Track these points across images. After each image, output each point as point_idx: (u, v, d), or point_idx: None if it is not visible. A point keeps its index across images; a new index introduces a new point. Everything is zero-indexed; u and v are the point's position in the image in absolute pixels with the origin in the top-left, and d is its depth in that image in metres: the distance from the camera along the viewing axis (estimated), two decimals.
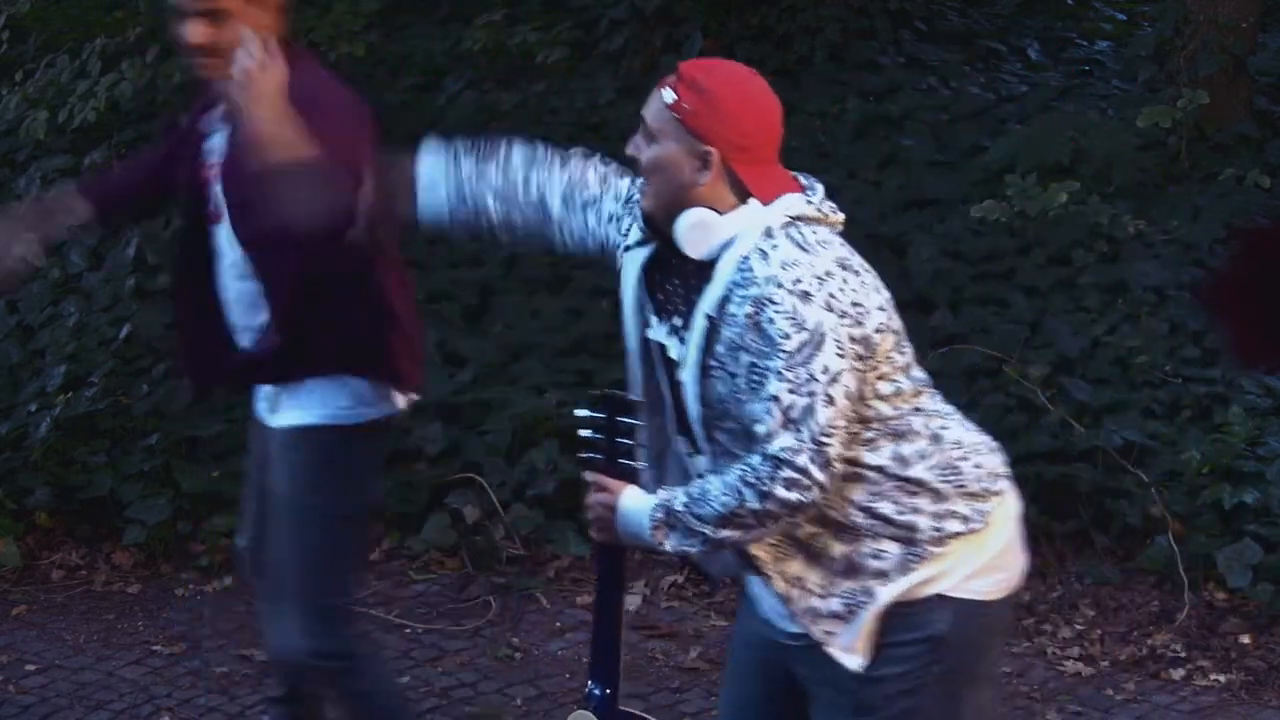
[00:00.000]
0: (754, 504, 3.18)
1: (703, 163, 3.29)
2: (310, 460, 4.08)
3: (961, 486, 3.33)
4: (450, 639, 5.78)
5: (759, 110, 3.33)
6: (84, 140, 8.59)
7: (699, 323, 3.28)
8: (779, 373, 3.16)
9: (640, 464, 3.38)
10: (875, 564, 3.29)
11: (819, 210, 3.33)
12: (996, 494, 3.37)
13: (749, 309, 3.19)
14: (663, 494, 3.30)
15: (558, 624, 5.83)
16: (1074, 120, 7.95)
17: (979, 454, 3.38)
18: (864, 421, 3.26)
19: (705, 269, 3.31)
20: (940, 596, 3.32)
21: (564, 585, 6.05)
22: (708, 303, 3.27)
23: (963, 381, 6.45)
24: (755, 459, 3.19)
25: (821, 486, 3.18)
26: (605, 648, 3.53)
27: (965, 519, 3.32)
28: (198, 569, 6.27)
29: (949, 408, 3.41)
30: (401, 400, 4.16)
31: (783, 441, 3.16)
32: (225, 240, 4.11)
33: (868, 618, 3.30)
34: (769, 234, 3.25)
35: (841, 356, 3.18)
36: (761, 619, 3.47)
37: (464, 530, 6.30)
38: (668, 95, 3.31)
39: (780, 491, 3.17)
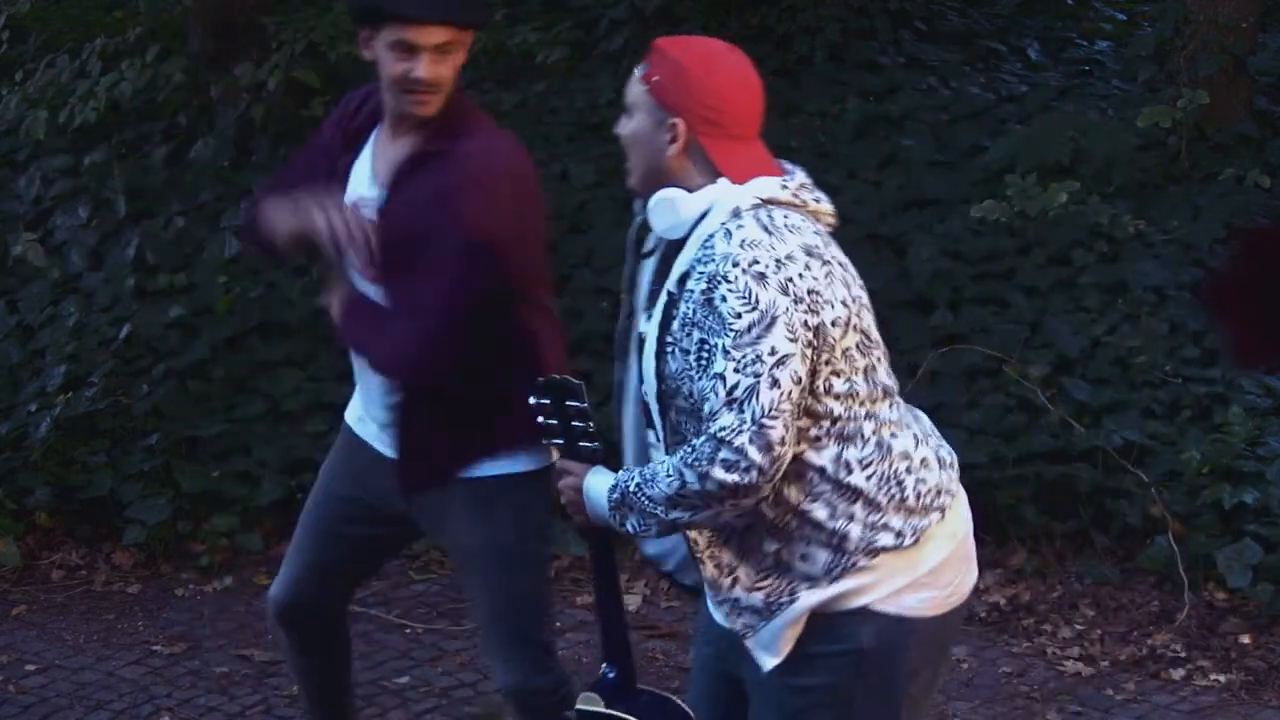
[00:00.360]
0: (695, 485, 3.15)
1: (671, 134, 3.28)
2: (517, 507, 4.04)
3: (900, 500, 3.28)
4: (450, 639, 5.78)
5: (730, 83, 3.32)
6: (84, 140, 8.59)
7: (661, 299, 3.28)
8: (726, 351, 3.14)
9: (598, 444, 3.37)
10: (802, 566, 3.27)
11: (794, 195, 3.31)
12: (936, 510, 3.32)
13: (704, 285, 3.18)
14: (621, 475, 3.30)
15: (557, 624, 5.82)
16: (1074, 120, 7.95)
17: (925, 469, 3.32)
18: (812, 417, 3.22)
19: (678, 248, 3.30)
20: (866, 610, 3.28)
21: (564, 585, 6.04)
22: (670, 279, 3.26)
23: (963, 381, 6.45)
24: (699, 440, 3.17)
25: (760, 470, 3.13)
26: (611, 629, 3.52)
27: (898, 534, 3.27)
28: (198, 569, 6.27)
29: (911, 418, 3.37)
30: None
31: (724, 420, 3.13)
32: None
33: (787, 619, 3.28)
34: (736, 214, 3.24)
35: (792, 341, 3.14)
36: (709, 614, 3.47)
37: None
38: (640, 69, 3.33)
39: (718, 472, 3.13)
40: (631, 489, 3.25)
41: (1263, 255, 2.04)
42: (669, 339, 3.24)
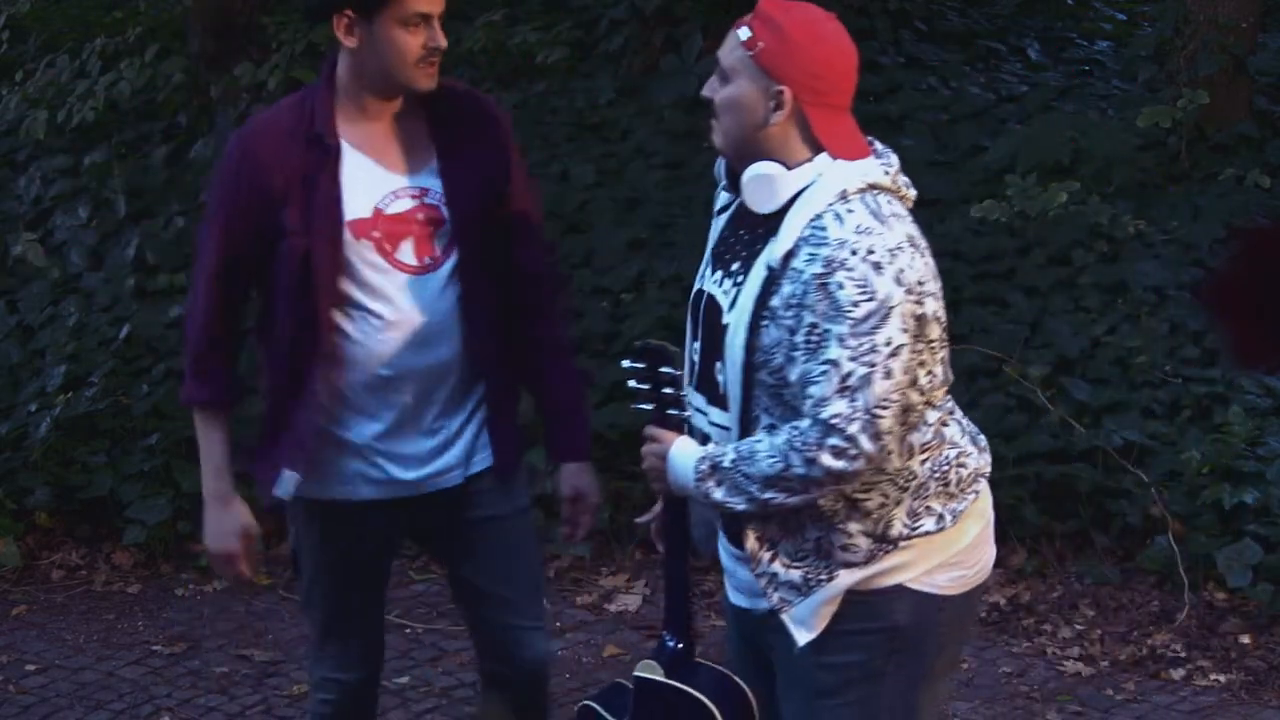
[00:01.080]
0: (799, 469, 3.17)
1: (775, 102, 3.27)
2: (522, 474, 4.11)
3: (944, 486, 3.33)
4: (450, 639, 5.78)
5: (834, 50, 3.32)
6: (84, 140, 8.60)
7: (759, 272, 3.26)
8: (841, 339, 3.14)
9: (687, 413, 3.36)
10: (843, 555, 3.30)
11: (894, 182, 3.33)
12: (973, 493, 3.38)
13: (818, 269, 3.17)
14: (711, 447, 3.30)
15: (558, 624, 5.83)
16: (1074, 120, 7.94)
17: (968, 455, 3.38)
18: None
19: (770, 218, 3.29)
20: (900, 587, 3.32)
21: (564, 585, 6.04)
22: (771, 254, 3.25)
23: (963, 381, 6.44)
24: (805, 423, 3.17)
25: (868, 458, 3.17)
26: (676, 599, 3.49)
27: (939, 517, 3.32)
28: (198, 569, 6.27)
29: (952, 404, 3.41)
30: None
31: (835, 408, 3.15)
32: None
33: (824, 596, 3.31)
34: (844, 197, 3.24)
35: (904, 332, 3.18)
36: (734, 591, 3.48)
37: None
38: (743, 33, 3.30)
39: (826, 458, 3.16)
40: (726, 464, 3.25)
41: (1263, 255, 2.04)
42: (765, 314, 3.24)
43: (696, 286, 3.46)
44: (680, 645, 3.49)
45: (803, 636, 3.33)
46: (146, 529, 6.32)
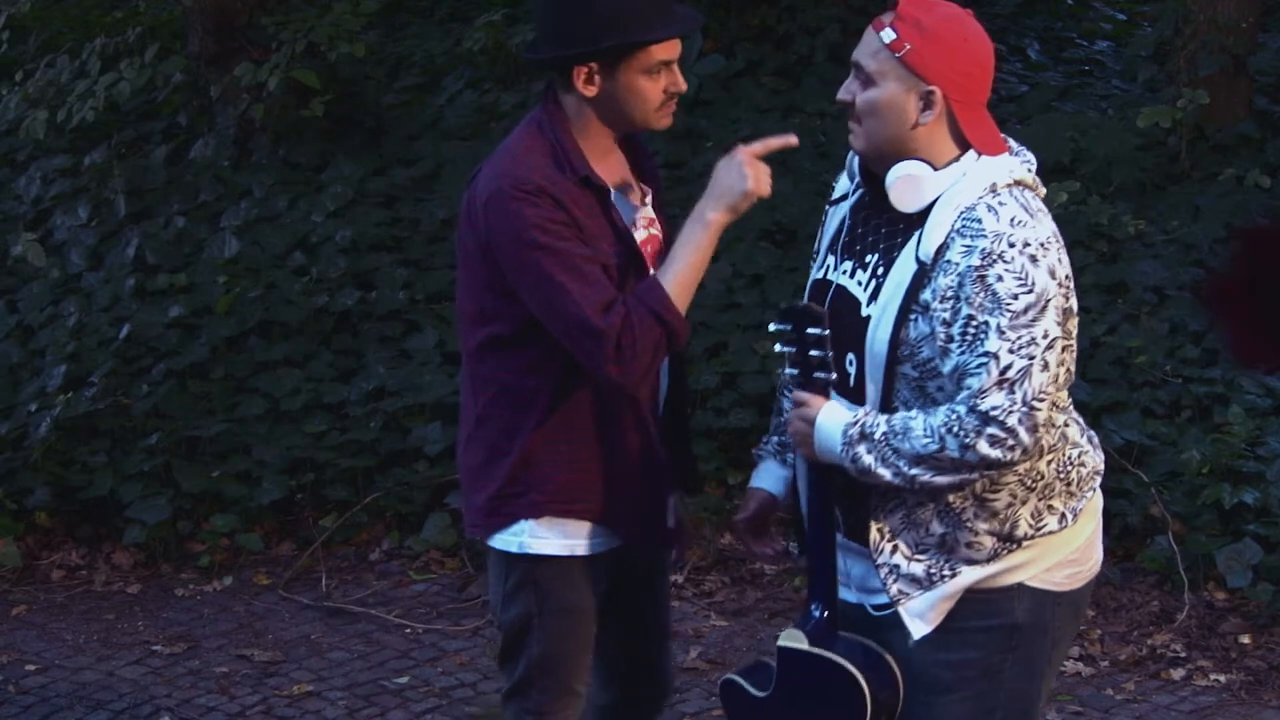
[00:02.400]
0: (954, 453, 3.19)
1: (925, 102, 3.29)
2: None
3: (1066, 485, 3.36)
4: (450, 639, 5.78)
5: (980, 48, 3.35)
6: (84, 140, 8.60)
7: (906, 266, 3.27)
8: (1001, 331, 3.17)
9: (834, 376, 3.33)
10: (966, 551, 3.33)
11: (1034, 180, 3.35)
12: (1090, 490, 3.41)
13: (975, 261, 3.19)
14: (862, 415, 3.29)
15: None
16: (1074, 120, 7.94)
17: (1086, 453, 3.41)
18: None
19: (912, 213, 3.31)
20: (1021, 586, 3.36)
21: None
22: (921, 248, 3.26)
23: None
24: (962, 409, 3.19)
25: (1024, 450, 3.19)
26: (822, 568, 3.47)
27: (1061, 516, 3.36)
28: (198, 569, 6.27)
29: (1070, 402, 3.42)
30: None
31: (994, 400, 3.17)
32: None
33: (945, 592, 3.33)
34: (994, 190, 3.26)
35: (1059, 325, 3.21)
36: (843, 589, 3.46)
37: (464, 530, 6.29)
38: (886, 35, 3.30)
39: (983, 446, 3.18)
40: (878, 435, 3.25)
41: (1263, 255, 2.03)
42: (914, 307, 3.24)
43: (817, 276, 3.46)
44: (825, 614, 3.45)
45: (918, 630, 3.34)
46: (146, 529, 6.32)
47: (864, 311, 3.32)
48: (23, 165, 8.62)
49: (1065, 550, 3.38)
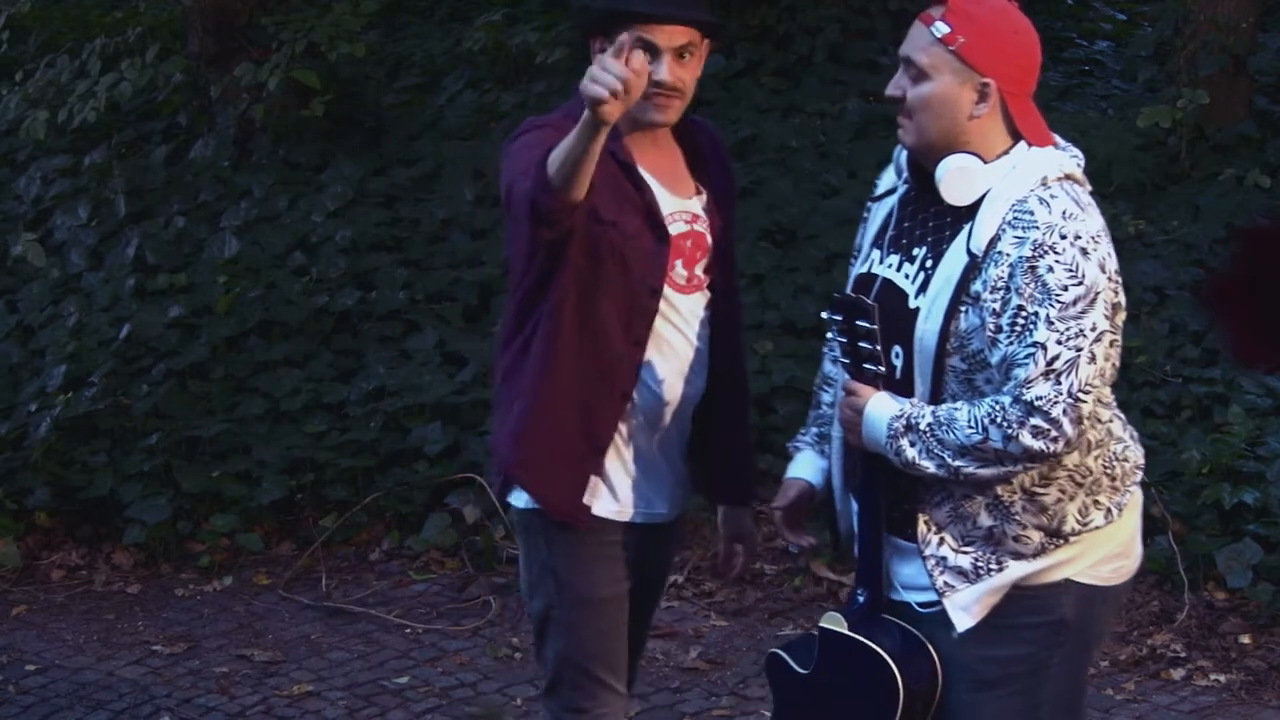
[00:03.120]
0: (997, 444, 3.20)
1: (980, 95, 3.30)
2: None
3: (1112, 480, 3.38)
4: (450, 639, 5.78)
5: (1031, 39, 3.36)
6: (84, 140, 8.60)
7: (956, 258, 3.28)
8: (1050, 321, 3.18)
9: (883, 369, 3.33)
10: (1014, 545, 3.33)
11: (1082, 175, 3.37)
12: (1134, 485, 3.43)
13: (1027, 252, 3.20)
14: (908, 407, 3.30)
15: None
16: (1074, 120, 7.94)
17: (1129, 448, 3.43)
18: None
19: (961, 205, 3.31)
20: (1068, 581, 3.37)
21: None
22: (973, 241, 3.27)
23: None
24: (1006, 399, 3.20)
25: (1067, 442, 3.20)
26: (868, 553, 3.47)
27: (1107, 511, 3.37)
28: (198, 569, 6.27)
29: (1113, 398, 3.44)
30: None
31: (1039, 390, 3.18)
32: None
33: (991, 586, 3.34)
34: (1045, 184, 3.27)
35: (1108, 319, 3.24)
36: (890, 586, 3.46)
37: (464, 530, 6.30)
38: (939, 28, 3.31)
39: (1025, 437, 3.19)
40: (923, 426, 3.26)
41: (1262, 255, 2.04)
42: (965, 298, 3.25)
43: (862, 270, 3.46)
44: (868, 599, 3.46)
45: (962, 622, 3.35)
46: (146, 529, 6.32)
47: (912, 304, 3.33)
48: (23, 165, 8.62)
49: (1110, 545, 3.40)
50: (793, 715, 3.55)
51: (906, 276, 3.36)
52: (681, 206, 3.79)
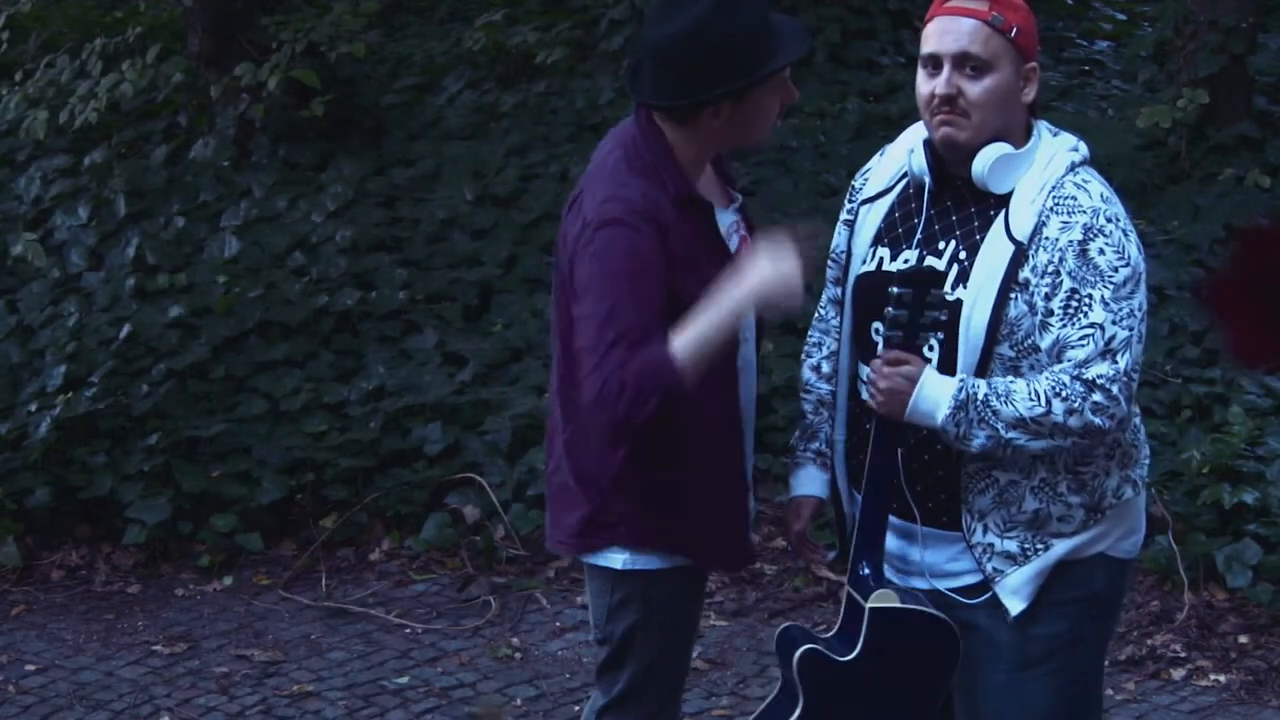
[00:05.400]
0: (1058, 417, 3.22)
1: (1026, 80, 3.33)
2: None
3: (1135, 451, 3.43)
4: (450, 639, 5.78)
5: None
6: (84, 140, 8.60)
7: (997, 247, 3.28)
8: (1105, 302, 3.21)
9: (941, 336, 3.32)
10: (1058, 525, 3.36)
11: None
12: (1146, 458, 3.48)
13: (1076, 236, 3.22)
14: (966, 379, 3.29)
15: (557, 624, 5.83)
16: (1074, 120, 7.94)
17: (1139, 419, 3.46)
18: None
19: (987, 195, 3.32)
20: (1102, 555, 3.41)
21: (564, 585, 6.04)
22: (1014, 229, 3.27)
23: None
24: (1066, 377, 3.22)
25: (1122, 420, 3.25)
26: (870, 529, 3.47)
27: (1135, 484, 3.42)
28: (198, 569, 6.27)
29: None
30: None
31: (1100, 369, 3.21)
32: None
33: (1039, 566, 3.37)
34: (1073, 168, 3.30)
35: (1145, 299, 3.28)
36: (914, 577, 3.46)
37: (464, 530, 6.30)
38: (996, 19, 3.29)
39: (1088, 413, 3.22)
40: (980, 396, 3.26)
41: (1262, 255, 2.04)
42: (1014, 286, 3.26)
43: (867, 269, 3.44)
44: (872, 571, 3.45)
45: (1015, 606, 3.37)
46: (146, 529, 6.32)
47: (950, 296, 3.32)
48: (23, 165, 8.62)
49: (1133, 518, 3.46)
50: (832, 708, 3.50)
51: (944, 262, 3.36)
52: (733, 222, 3.75)
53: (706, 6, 3.49)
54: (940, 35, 3.31)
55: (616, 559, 3.70)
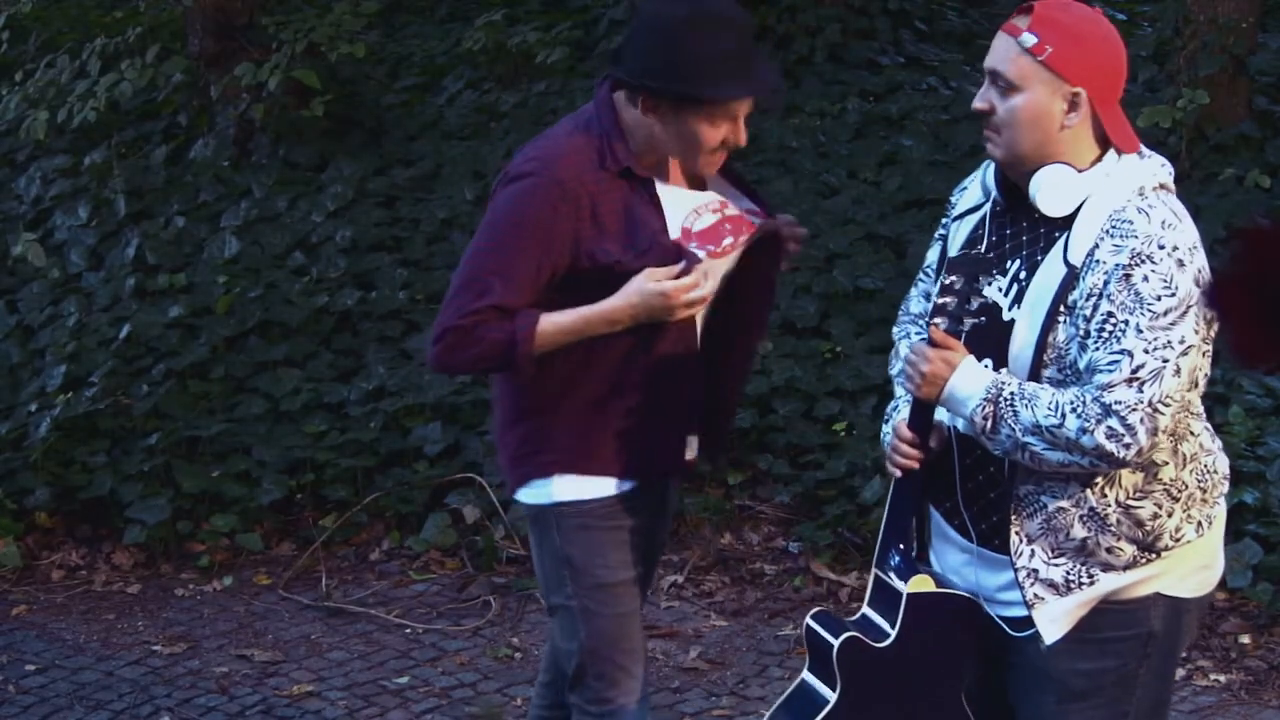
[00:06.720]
0: (1071, 433, 3.18)
1: (1071, 105, 3.27)
2: None
3: (1204, 492, 3.36)
4: (450, 639, 5.78)
5: (1117, 46, 3.35)
6: (84, 140, 8.60)
7: (1053, 269, 3.25)
8: (1139, 329, 3.15)
9: (983, 320, 3.31)
10: (1106, 557, 3.32)
11: (1172, 184, 3.35)
12: (1221, 496, 3.41)
13: (1124, 259, 3.17)
14: (1004, 375, 3.27)
15: None
16: None
17: (1217, 459, 3.40)
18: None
19: (1055, 218, 3.29)
20: (1158, 595, 3.36)
21: None
22: (1071, 252, 3.24)
23: None
24: (1088, 396, 3.17)
25: (1139, 450, 3.17)
26: (903, 509, 3.47)
27: (1198, 525, 3.36)
28: (198, 569, 6.27)
29: (1202, 409, 3.41)
30: None
31: (1120, 395, 3.15)
32: None
33: (1082, 598, 3.32)
34: (1142, 193, 3.25)
35: (1197, 333, 3.20)
36: (971, 598, 3.46)
37: (464, 530, 6.30)
38: (1026, 39, 3.27)
39: (1100, 435, 3.16)
40: (1006, 394, 3.24)
41: (1263, 255, 2.04)
42: (1062, 309, 3.23)
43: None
44: (904, 557, 3.46)
45: (1051, 634, 3.33)
46: (146, 529, 6.32)
47: (1006, 315, 3.30)
48: (23, 165, 8.62)
49: (1199, 557, 3.39)
50: (872, 697, 3.50)
51: (999, 290, 3.33)
52: (700, 200, 3.83)
53: (688, 7, 3.65)
54: (992, 48, 3.33)
55: (541, 494, 3.86)
